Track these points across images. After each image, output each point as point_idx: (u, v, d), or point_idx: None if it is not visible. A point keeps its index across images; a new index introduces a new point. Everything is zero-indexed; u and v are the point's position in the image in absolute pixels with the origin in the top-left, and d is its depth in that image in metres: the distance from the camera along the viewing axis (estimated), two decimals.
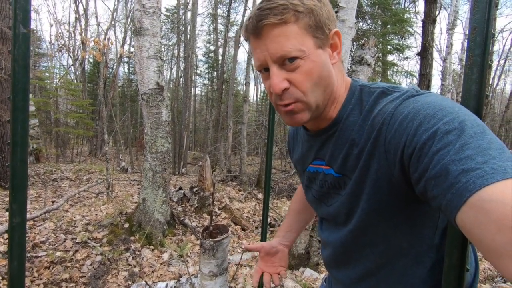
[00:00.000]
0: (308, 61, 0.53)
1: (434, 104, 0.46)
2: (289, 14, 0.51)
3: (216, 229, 0.84)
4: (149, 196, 3.53)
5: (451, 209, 0.37)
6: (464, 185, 0.36)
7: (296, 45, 0.52)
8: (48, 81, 14.10)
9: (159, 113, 3.44)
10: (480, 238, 0.34)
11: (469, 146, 0.39)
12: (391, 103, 0.53)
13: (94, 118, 14.62)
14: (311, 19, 0.53)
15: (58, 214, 3.97)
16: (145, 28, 3.22)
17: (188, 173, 10.77)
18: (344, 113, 0.60)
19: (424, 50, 5.00)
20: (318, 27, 0.54)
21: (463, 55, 12.37)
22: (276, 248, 0.89)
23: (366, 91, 0.60)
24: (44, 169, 7.23)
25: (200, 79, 21.81)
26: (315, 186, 0.71)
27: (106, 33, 15.14)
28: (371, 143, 0.53)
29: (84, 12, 15.22)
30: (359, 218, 0.59)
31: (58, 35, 14.86)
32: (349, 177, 0.60)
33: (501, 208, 0.32)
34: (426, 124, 0.44)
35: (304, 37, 0.53)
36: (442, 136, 0.41)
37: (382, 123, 0.52)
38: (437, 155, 0.40)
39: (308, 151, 0.71)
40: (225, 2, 15.17)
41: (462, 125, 0.41)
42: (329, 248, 0.72)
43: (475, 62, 0.56)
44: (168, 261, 3.22)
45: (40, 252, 2.92)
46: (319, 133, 0.65)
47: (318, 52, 0.55)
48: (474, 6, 0.56)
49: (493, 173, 0.35)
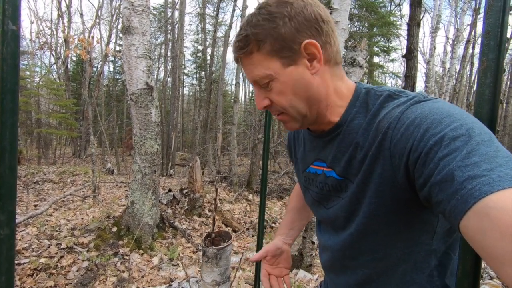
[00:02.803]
0: (278, 82, 0.56)
1: (442, 110, 0.46)
2: (252, 44, 0.55)
3: (218, 235, 0.81)
4: (138, 199, 3.44)
5: (455, 215, 0.37)
6: (470, 191, 0.36)
7: (262, 71, 0.56)
8: (28, 80, 13.59)
9: (149, 113, 3.36)
10: (483, 245, 0.34)
11: (476, 152, 0.39)
12: (398, 107, 0.52)
13: (78, 118, 14.19)
14: (272, 44, 0.54)
15: (41, 219, 3.81)
16: (134, 26, 3.14)
17: (176, 174, 10.61)
18: (348, 115, 0.60)
19: (409, 53, 5.11)
20: (282, 47, 0.54)
21: (445, 58, 12.76)
22: (281, 248, 0.87)
23: (372, 94, 0.59)
24: (26, 172, 6.95)
25: (188, 79, 21.59)
26: (314, 188, 0.70)
27: (90, 31, 14.75)
28: (375, 146, 0.53)
29: (67, 9, 14.75)
30: (359, 222, 0.59)
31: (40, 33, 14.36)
32: (351, 180, 0.59)
33: (506, 216, 0.32)
34: (433, 130, 0.44)
35: (269, 61, 0.55)
36: (449, 142, 0.41)
37: (388, 127, 0.51)
38: (443, 161, 0.40)
39: (310, 151, 0.70)
40: (213, 2, 15.07)
41: (469, 132, 0.41)
42: (328, 252, 0.71)
43: (489, 66, 0.55)
44: (158, 265, 3.14)
45: (22, 259, 2.79)
46: (322, 135, 0.65)
47: (288, 70, 0.56)
48: (487, 10, 0.55)
49: (500, 180, 0.35)
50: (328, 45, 0.57)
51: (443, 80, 11.80)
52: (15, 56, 0.67)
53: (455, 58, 10.68)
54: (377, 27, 8.37)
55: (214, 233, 0.80)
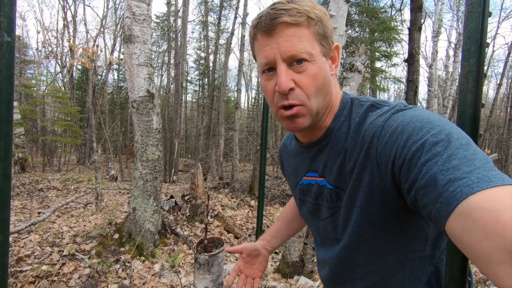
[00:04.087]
0: (315, 65, 0.56)
1: (422, 118, 0.49)
2: (302, 18, 0.54)
3: (211, 242, 0.81)
4: (139, 205, 3.45)
5: (441, 217, 0.38)
6: (452, 193, 0.37)
7: (307, 47, 0.54)
8: (34, 89, 13.81)
9: (150, 120, 3.39)
10: (469, 245, 0.35)
11: (455, 156, 0.40)
12: (381, 116, 0.55)
13: (83, 126, 14.35)
14: (320, 28, 0.56)
15: (44, 226, 3.84)
16: (135, 35, 3.19)
17: (179, 181, 10.63)
18: (337, 124, 0.61)
19: (411, 57, 5.11)
20: (325, 37, 0.57)
21: (448, 62, 12.73)
22: (259, 251, 0.88)
23: (356, 103, 0.62)
24: (30, 179, 7.02)
25: (191, 85, 21.77)
26: (309, 199, 0.70)
27: (95, 40, 15.00)
28: (363, 155, 0.55)
29: (72, 19, 15.05)
30: (352, 232, 0.59)
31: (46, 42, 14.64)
32: (343, 189, 0.60)
33: (487, 215, 0.33)
34: (414, 136, 0.46)
35: (313, 42, 0.56)
36: (430, 147, 0.43)
37: (373, 135, 0.53)
38: (425, 166, 0.42)
39: (301, 163, 0.71)
40: (215, 10, 15.27)
41: (448, 137, 0.43)
42: (326, 267, 0.71)
43: (470, 71, 0.56)
44: (160, 272, 3.14)
45: (24, 266, 2.80)
46: (311, 145, 0.66)
47: (323, 59, 0.57)
48: (467, 16, 0.56)
49: (479, 182, 0.36)
50: None
51: (446, 84, 11.76)
52: (10, 67, 0.70)
53: (458, 62, 10.65)
54: (378, 33, 8.40)
55: (207, 239, 0.81)
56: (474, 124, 0.56)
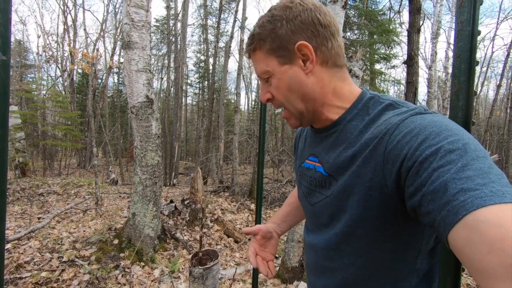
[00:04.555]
0: (275, 78, 0.62)
1: (441, 124, 0.48)
2: (256, 43, 0.62)
3: (206, 254, 0.81)
4: (139, 210, 3.45)
5: (445, 225, 0.38)
6: (462, 203, 0.36)
7: (263, 67, 0.63)
8: (35, 93, 13.85)
9: (149, 126, 3.40)
10: (471, 257, 0.34)
11: (470, 167, 0.39)
12: (398, 116, 0.54)
13: (83, 129, 14.37)
14: (271, 43, 0.60)
15: (44, 232, 3.84)
16: (134, 41, 3.21)
17: (179, 184, 10.62)
18: (347, 116, 0.62)
19: (410, 59, 5.12)
20: (279, 47, 0.60)
21: (447, 63, 12.74)
22: (272, 233, 0.88)
23: (375, 100, 0.62)
24: (30, 183, 7.02)
25: (191, 88, 21.81)
26: (304, 183, 0.72)
27: (95, 44, 15.05)
28: (370, 150, 0.54)
29: (72, 23, 15.11)
30: (346, 224, 0.59)
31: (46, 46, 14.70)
32: (336, 178, 0.60)
33: (495, 230, 0.33)
34: (430, 141, 0.45)
35: (267, 59, 0.62)
36: (445, 153, 0.42)
37: (385, 133, 0.52)
38: (437, 171, 0.41)
39: (308, 146, 0.73)
40: (215, 13, 15.33)
41: (465, 147, 0.42)
42: (312, 251, 0.71)
43: (461, 89, 0.56)
44: (159, 278, 3.13)
45: (24, 273, 2.80)
46: (321, 130, 0.67)
47: (284, 68, 0.61)
48: (457, 34, 0.56)
49: (492, 195, 0.35)
50: (324, 47, 0.60)
51: (446, 85, 11.76)
52: (5, 85, 0.70)
53: None
54: (377, 35, 8.42)
55: (201, 252, 0.81)
56: None
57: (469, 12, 0.53)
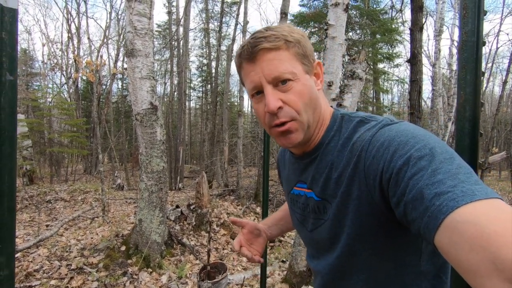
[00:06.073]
0: (299, 83, 0.59)
1: (407, 132, 0.50)
2: (280, 42, 0.58)
3: (214, 267, 0.81)
4: (145, 217, 3.47)
5: (429, 231, 0.39)
6: (438, 207, 0.38)
7: (288, 67, 0.58)
8: (41, 101, 14.04)
9: (154, 132, 3.42)
10: (456, 258, 0.36)
11: (440, 170, 0.41)
12: (369, 131, 0.56)
13: (89, 136, 14.51)
14: (299, 48, 0.60)
15: (52, 240, 3.87)
16: (137, 49, 3.23)
17: (185, 188, 10.66)
18: (327, 138, 0.64)
19: (413, 57, 5.07)
20: (305, 56, 0.61)
21: (451, 60, 12.61)
22: (260, 231, 0.88)
23: (346, 119, 0.64)
24: (38, 191, 7.10)
25: (194, 92, 21.91)
26: (297, 210, 0.73)
27: (99, 50, 15.21)
28: (351, 168, 0.56)
29: (76, 31, 15.31)
30: (344, 244, 0.60)
31: (51, 54, 14.92)
32: (329, 201, 0.61)
33: (472, 229, 0.34)
34: (400, 151, 0.47)
35: (295, 62, 0.59)
36: (415, 161, 0.44)
37: (361, 149, 0.54)
38: (412, 180, 0.43)
39: (293, 173, 0.73)
40: (216, 17, 15.41)
41: (432, 151, 0.45)
42: (319, 277, 0.72)
43: (467, 100, 0.55)
44: (167, 284, 3.14)
45: (34, 281, 2.83)
46: (303, 156, 0.68)
47: (307, 76, 0.61)
48: (462, 45, 0.56)
49: (463, 195, 0.37)
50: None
51: (450, 82, 11.65)
52: (13, 104, 0.71)
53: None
54: (379, 34, 8.38)
55: (209, 265, 0.81)
56: (473, 152, 0.56)
57: (473, 22, 0.53)
